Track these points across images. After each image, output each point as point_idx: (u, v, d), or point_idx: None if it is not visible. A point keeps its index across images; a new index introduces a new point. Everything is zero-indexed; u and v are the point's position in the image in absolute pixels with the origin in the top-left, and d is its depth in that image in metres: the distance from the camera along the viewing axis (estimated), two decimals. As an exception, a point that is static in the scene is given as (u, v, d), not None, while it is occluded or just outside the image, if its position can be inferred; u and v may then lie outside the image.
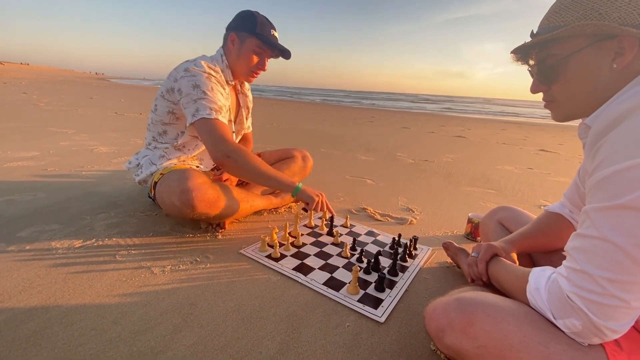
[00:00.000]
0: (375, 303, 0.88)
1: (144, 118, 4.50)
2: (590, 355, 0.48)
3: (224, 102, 1.20)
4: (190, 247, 1.11)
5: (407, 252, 1.13)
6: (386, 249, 1.22)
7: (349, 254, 1.13)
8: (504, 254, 0.78)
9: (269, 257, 1.07)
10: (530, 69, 0.63)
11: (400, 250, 1.14)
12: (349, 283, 0.95)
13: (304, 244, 1.18)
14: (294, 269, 1.02)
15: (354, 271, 0.91)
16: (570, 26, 0.52)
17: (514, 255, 0.81)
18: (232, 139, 1.14)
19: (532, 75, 0.64)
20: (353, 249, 1.17)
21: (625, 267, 0.43)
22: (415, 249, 1.21)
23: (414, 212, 1.63)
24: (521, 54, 0.62)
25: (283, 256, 1.08)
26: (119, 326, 0.73)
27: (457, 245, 1.08)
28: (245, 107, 1.48)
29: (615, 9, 0.50)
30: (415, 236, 1.20)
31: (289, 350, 0.70)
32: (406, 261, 1.11)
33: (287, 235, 1.16)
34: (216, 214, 1.11)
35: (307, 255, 1.11)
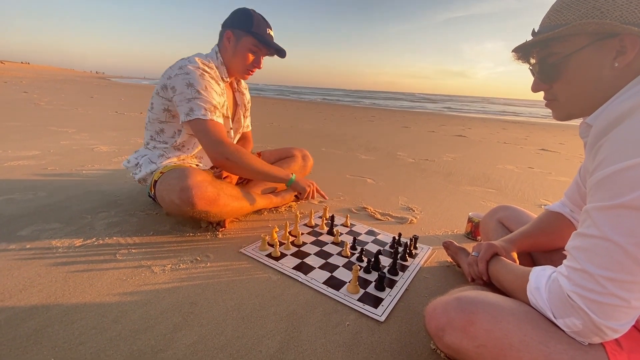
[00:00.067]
0: (375, 302, 0.88)
1: (144, 117, 4.49)
2: (591, 354, 0.48)
3: (219, 100, 1.20)
4: (190, 246, 1.11)
5: (407, 251, 1.13)
6: (386, 248, 1.22)
7: (349, 253, 1.13)
8: (504, 253, 0.78)
9: (269, 256, 1.07)
10: (531, 67, 0.63)
11: (401, 249, 1.14)
12: (349, 282, 0.95)
13: (304, 243, 1.18)
14: (294, 268, 1.02)
15: (354, 270, 0.91)
16: (572, 25, 0.52)
17: (514, 255, 0.81)
18: (228, 139, 1.15)
19: (533, 74, 0.63)
20: (353, 248, 1.17)
21: (626, 267, 0.43)
22: (416, 248, 1.21)
23: (414, 211, 1.62)
24: (522, 52, 0.62)
25: (283, 255, 1.09)
26: (119, 325, 0.73)
27: (458, 245, 1.08)
28: (243, 106, 1.48)
29: (616, 7, 0.50)
30: (415, 235, 1.20)
31: (289, 349, 0.70)
32: (406, 260, 1.12)
33: (288, 234, 1.16)
34: (216, 211, 1.11)
35: (307, 255, 1.11)
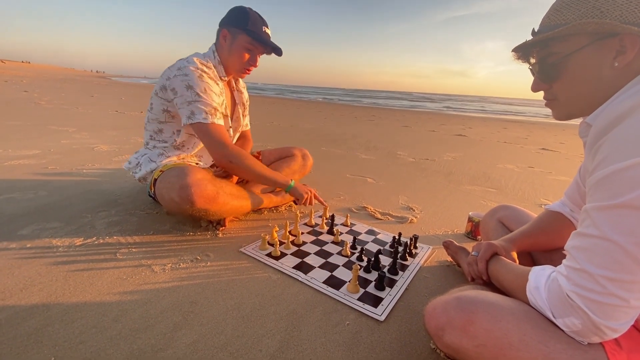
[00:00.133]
0: (375, 302, 0.88)
1: (144, 116, 4.49)
2: (590, 354, 0.48)
3: (219, 100, 1.20)
4: (190, 245, 1.11)
5: (408, 250, 1.13)
6: (386, 247, 1.22)
7: (349, 252, 1.13)
8: (504, 253, 0.78)
9: (269, 255, 1.07)
10: (531, 67, 0.63)
11: (401, 249, 1.14)
12: (349, 281, 0.95)
13: (304, 243, 1.18)
14: (294, 267, 1.02)
15: (354, 270, 0.91)
16: (572, 24, 0.52)
17: (514, 254, 0.81)
18: (230, 141, 1.17)
19: (533, 73, 0.63)
20: (353, 247, 1.17)
21: (626, 266, 0.43)
22: (416, 247, 1.21)
23: (414, 210, 1.62)
24: (522, 52, 0.62)
25: (283, 254, 1.09)
26: (119, 324, 0.73)
27: (458, 244, 1.08)
28: (241, 104, 1.48)
29: (616, 7, 0.50)
30: (415, 235, 1.20)
31: (289, 349, 0.71)
32: (406, 260, 1.12)
33: (288, 234, 1.16)
34: (215, 210, 1.11)
35: (307, 254, 1.11)
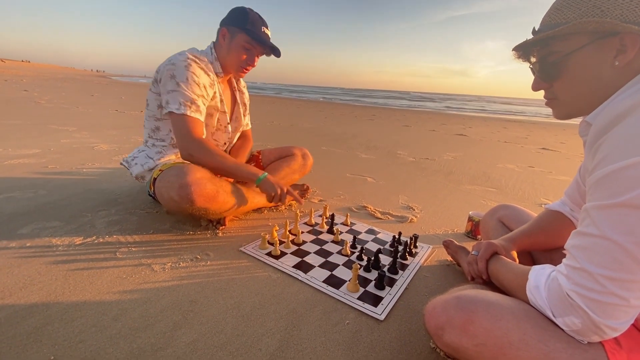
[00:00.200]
0: (375, 301, 0.88)
1: (144, 115, 4.50)
2: (590, 353, 0.48)
3: (203, 92, 1.19)
4: (190, 244, 1.11)
5: (407, 250, 1.13)
6: (386, 247, 1.22)
7: (349, 251, 1.13)
8: (504, 252, 0.78)
9: (269, 254, 1.07)
10: (531, 66, 0.63)
11: (401, 248, 1.14)
12: (349, 281, 0.95)
13: (304, 242, 1.18)
14: (294, 266, 1.02)
15: (354, 269, 0.91)
16: (572, 23, 0.52)
17: (514, 254, 0.81)
18: (197, 134, 1.15)
19: (533, 72, 0.63)
20: (353, 246, 1.17)
21: (625, 265, 0.43)
22: (416, 247, 1.21)
23: (414, 210, 1.62)
24: (523, 51, 0.62)
25: (283, 254, 1.09)
26: (119, 323, 0.73)
27: (458, 244, 1.07)
28: (242, 104, 1.48)
29: (617, 6, 0.50)
30: (415, 234, 1.20)
31: (289, 348, 0.71)
32: (406, 259, 1.12)
33: (288, 233, 1.16)
34: (215, 208, 1.11)
35: (307, 253, 1.11)
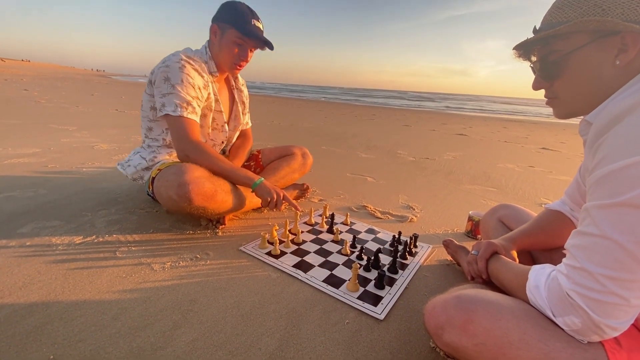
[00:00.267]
0: (375, 300, 0.88)
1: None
2: (590, 352, 0.48)
3: (198, 94, 1.19)
4: (190, 243, 1.11)
5: (407, 249, 1.13)
6: (386, 246, 1.22)
7: (349, 251, 1.13)
8: (504, 252, 0.78)
9: (268, 254, 1.07)
10: (532, 65, 0.63)
11: (401, 247, 1.14)
12: (348, 280, 0.95)
13: (304, 241, 1.18)
14: (293, 266, 1.02)
15: (353, 268, 0.91)
16: (573, 22, 0.52)
17: (514, 253, 0.81)
18: (194, 136, 1.15)
19: (534, 71, 0.63)
20: (353, 246, 1.17)
21: (626, 265, 0.43)
22: (416, 246, 1.21)
23: (414, 209, 1.62)
24: (523, 50, 0.62)
25: (283, 253, 1.08)
26: (118, 322, 0.73)
27: (457, 243, 1.07)
28: (241, 102, 1.48)
29: (618, 4, 0.50)
30: (415, 234, 1.20)
31: (288, 347, 0.71)
32: (406, 259, 1.11)
33: (287, 233, 1.16)
34: (214, 207, 1.10)
35: (307, 253, 1.11)
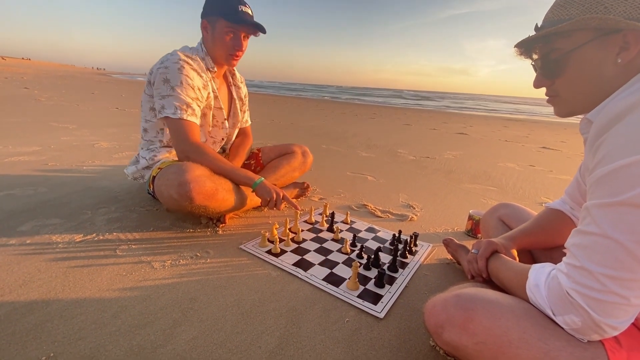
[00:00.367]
0: (375, 299, 0.88)
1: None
2: (590, 351, 0.48)
3: (198, 94, 1.19)
4: (190, 242, 1.11)
5: (407, 248, 1.13)
6: (386, 245, 1.22)
7: (349, 250, 1.13)
8: (504, 251, 0.78)
9: (269, 252, 1.07)
10: (533, 63, 0.62)
11: (401, 246, 1.14)
12: (348, 279, 0.95)
13: (304, 240, 1.18)
14: (293, 264, 1.02)
15: (353, 267, 0.91)
16: (575, 20, 0.52)
17: (514, 252, 0.81)
18: (194, 138, 1.15)
19: (535, 69, 0.63)
20: (353, 245, 1.17)
21: (626, 264, 0.43)
22: (416, 245, 1.21)
23: (414, 208, 1.62)
24: (525, 47, 0.62)
25: (283, 252, 1.09)
26: (118, 320, 0.73)
27: (458, 242, 1.07)
28: (239, 99, 1.47)
29: (620, 2, 0.50)
30: (415, 233, 1.20)
31: (289, 345, 0.71)
32: (406, 257, 1.11)
33: (288, 231, 1.16)
34: (214, 206, 1.10)
35: (307, 251, 1.11)
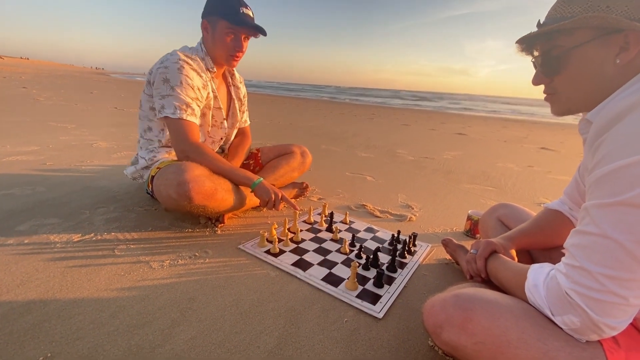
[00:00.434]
0: (374, 299, 0.88)
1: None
2: (588, 351, 0.48)
3: (197, 94, 1.18)
4: (189, 241, 1.11)
5: (406, 248, 1.13)
6: (385, 245, 1.21)
7: (348, 250, 1.13)
8: (503, 251, 0.78)
9: (267, 252, 1.07)
10: (534, 60, 0.62)
11: (399, 246, 1.14)
12: (347, 279, 0.95)
13: (303, 240, 1.18)
14: (292, 264, 1.02)
15: (352, 267, 0.91)
16: (577, 18, 0.52)
17: (513, 252, 0.81)
18: (194, 138, 1.15)
19: (535, 66, 0.63)
20: (352, 245, 1.17)
21: (625, 264, 0.43)
22: (415, 245, 1.21)
23: (413, 209, 1.62)
24: (526, 44, 0.61)
25: (282, 252, 1.08)
26: (117, 320, 0.73)
27: (456, 242, 1.07)
28: (238, 99, 1.47)
29: (623, 2, 0.50)
30: (414, 233, 1.20)
31: (287, 345, 0.70)
32: (405, 258, 1.11)
33: (287, 231, 1.16)
34: (214, 206, 1.10)
35: (306, 251, 1.10)
